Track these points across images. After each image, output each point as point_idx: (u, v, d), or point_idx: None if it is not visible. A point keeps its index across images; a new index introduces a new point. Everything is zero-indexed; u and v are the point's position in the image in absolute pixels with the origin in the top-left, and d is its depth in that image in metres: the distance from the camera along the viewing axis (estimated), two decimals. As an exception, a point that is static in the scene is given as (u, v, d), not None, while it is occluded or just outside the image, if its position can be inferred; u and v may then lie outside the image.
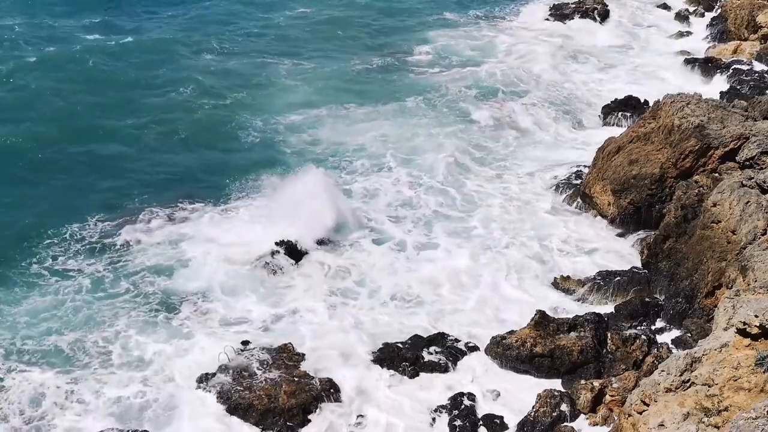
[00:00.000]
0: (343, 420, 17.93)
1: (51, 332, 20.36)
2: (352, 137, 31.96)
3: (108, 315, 21.08)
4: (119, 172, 28.93)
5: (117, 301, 21.70)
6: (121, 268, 23.25)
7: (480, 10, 52.20)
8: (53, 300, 21.61)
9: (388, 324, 21.15)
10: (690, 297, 20.72)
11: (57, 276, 22.65)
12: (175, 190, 27.73)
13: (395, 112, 34.48)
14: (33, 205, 26.16)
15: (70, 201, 26.59)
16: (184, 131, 32.34)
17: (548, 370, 19.20)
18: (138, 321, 20.90)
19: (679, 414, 12.84)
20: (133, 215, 26.02)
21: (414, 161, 30.25)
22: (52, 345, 19.93)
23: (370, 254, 24.29)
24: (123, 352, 19.79)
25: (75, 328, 20.52)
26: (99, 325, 20.68)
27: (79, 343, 19.98)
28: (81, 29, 44.22)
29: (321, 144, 31.59)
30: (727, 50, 40.73)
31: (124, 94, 35.64)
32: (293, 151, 30.91)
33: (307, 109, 34.67)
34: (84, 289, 22.13)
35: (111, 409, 17.94)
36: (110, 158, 29.93)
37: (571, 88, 38.43)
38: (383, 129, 32.65)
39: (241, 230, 24.81)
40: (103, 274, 22.89)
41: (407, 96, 36.34)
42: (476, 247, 24.62)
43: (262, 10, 50.14)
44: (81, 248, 24.06)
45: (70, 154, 30.01)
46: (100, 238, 24.70)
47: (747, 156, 23.38)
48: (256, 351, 19.26)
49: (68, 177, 28.40)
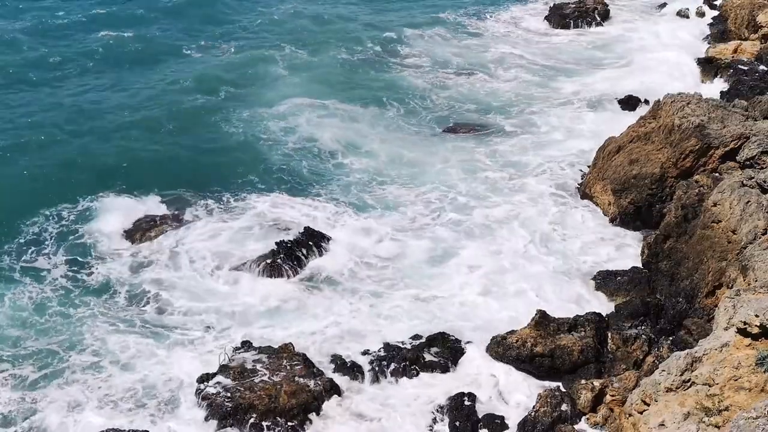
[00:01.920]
0: (343, 420, 17.92)
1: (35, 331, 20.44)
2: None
3: (87, 314, 21.11)
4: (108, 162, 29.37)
5: (99, 300, 21.77)
6: (110, 265, 23.30)
7: (479, 9, 52.16)
8: (34, 299, 21.65)
9: (388, 324, 21.15)
10: (690, 297, 20.70)
11: (31, 275, 22.69)
12: (153, 180, 28.00)
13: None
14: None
15: (45, 192, 26.80)
16: (168, 123, 32.79)
17: (549, 369, 19.19)
18: (131, 321, 20.95)
19: (679, 414, 12.84)
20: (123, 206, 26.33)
21: (417, 166, 30.32)
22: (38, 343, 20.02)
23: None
24: (115, 352, 19.81)
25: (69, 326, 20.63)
26: (81, 324, 20.75)
27: (67, 343, 20.03)
28: (75, 21, 44.80)
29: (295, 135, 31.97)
30: (727, 50, 40.67)
31: (107, 86, 36.26)
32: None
33: (292, 100, 35.15)
34: (62, 288, 22.16)
35: (110, 409, 17.96)
36: (97, 151, 30.30)
37: (570, 87, 38.40)
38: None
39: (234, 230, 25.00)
40: (83, 271, 23.00)
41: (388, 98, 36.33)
42: (476, 247, 24.59)
43: (260, 5, 50.82)
44: (57, 244, 24.14)
45: (46, 145, 30.32)
46: (80, 232, 24.86)
47: (747, 156, 23.37)
48: (256, 351, 19.24)
49: (44, 168, 28.61)
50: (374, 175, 29.15)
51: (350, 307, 21.84)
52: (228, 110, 34.19)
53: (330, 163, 30.05)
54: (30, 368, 19.19)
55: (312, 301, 22.07)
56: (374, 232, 25.28)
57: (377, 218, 26.17)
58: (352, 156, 30.51)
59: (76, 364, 19.34)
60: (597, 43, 45.62)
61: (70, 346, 19.95)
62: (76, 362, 19.42)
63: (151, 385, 18.74)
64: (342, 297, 22.28)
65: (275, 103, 34.92)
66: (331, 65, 40.24)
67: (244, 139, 31.72)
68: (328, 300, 22.15)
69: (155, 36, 43.56)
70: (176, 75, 37.97)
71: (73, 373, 19.09)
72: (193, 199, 27.05)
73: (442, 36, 46.08)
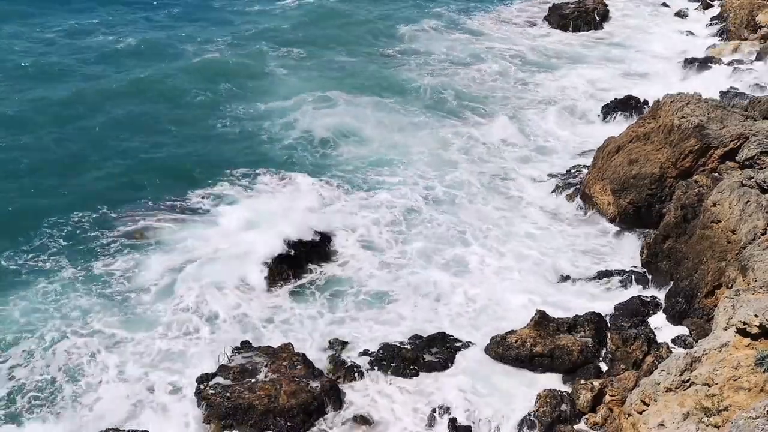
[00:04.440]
0: (343, 420, 17.90)
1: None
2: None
3: (87, 313, 21.10)
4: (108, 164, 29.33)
5: (99, 299, 21.75)
6: (109, 263, 23.31)
7: (476, 8, 52.28)
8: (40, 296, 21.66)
9: (387, 323, 21.15)
10: (690, 297, 20.71)
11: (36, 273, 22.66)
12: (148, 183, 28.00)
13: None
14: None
15: (45, 192, 26.82)
16: (167, 122, 32.89)
17: (548, 369, 19.20)
18: (131, 320, 20.96)
19: (679, 414, 12.84)
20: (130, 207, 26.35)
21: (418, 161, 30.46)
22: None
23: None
24: (111, 352, 19.82)
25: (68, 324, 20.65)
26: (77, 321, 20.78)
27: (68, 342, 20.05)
28: (73, 22, 44.91)
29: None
30: (727, 50, 40.73)
31: (108, 86, 36.33)
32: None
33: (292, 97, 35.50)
34: (64, 288, 22.11)
35: (109, 409, 17.96)
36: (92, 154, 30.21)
37: (570, 87, 38.42)
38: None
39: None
40: (85, 269, 22.98)
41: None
42: (475, 248, 24.59)
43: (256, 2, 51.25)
44: (63, 244, 24.08)
45: (46, 149, 30.23)
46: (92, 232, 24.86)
47: (747, 156, 23.36)
48: (256, 351, 19.24)
49: (42, 169, 28.55)
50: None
51: (350, 307, 21.85)
52: (229, 106, 34.51)
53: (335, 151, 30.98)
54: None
55: (312, 301, 22.06)
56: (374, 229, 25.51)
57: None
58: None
59: (74, 364, 19.32)
60: (590, 43, 45.84)
61: (70, 345, 19.92)
62: (75, 362, 19.40)
63: (151, 385, 18.71)
64: (342, 297, 22.28)
65: (277, 99, 35.20)
66: (330, 60, 40.65)
67: (246, 134, 32.01)
68: (328, 300, 22.14)
69: (155, 36, 43.64)
70: (175, 73, 38.05)
71: (69, 372, 19.06)
72: (195, 198, 27.02)
73: (442, 33, 46.36)
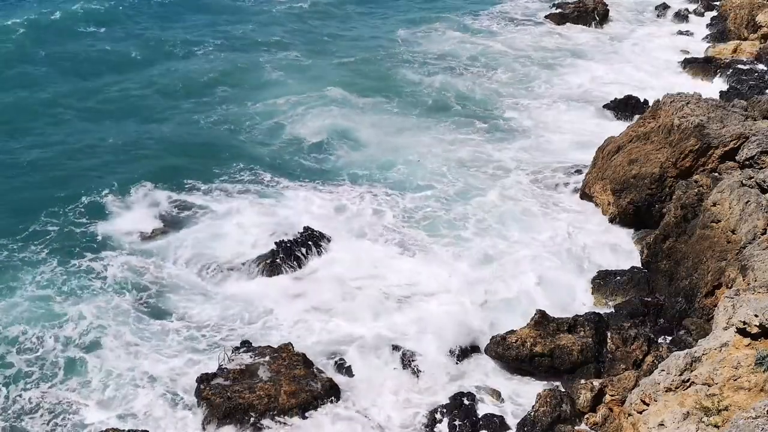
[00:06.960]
0: (343, 420, 17.90)
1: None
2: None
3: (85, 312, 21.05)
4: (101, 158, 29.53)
5: (98, 299, 21.71)
6: (108, 262, 23.30)
7: (476, 8, 52.34)
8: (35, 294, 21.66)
9: (388, 324, 21.13)
10: (690, 296, 20.71)
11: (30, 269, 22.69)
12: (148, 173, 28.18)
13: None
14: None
15: (44, 189, 26.83)
16: (169, 120, 33.06)
17: (548, 369, 19.20)
18: (131, 320, 20.93)
19: (679, 413, 12.84)
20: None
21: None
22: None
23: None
24: (114, 350, 19.82)
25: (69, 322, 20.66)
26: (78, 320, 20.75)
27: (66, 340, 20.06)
28: (74, 21, 45.16)
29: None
30: (727, 50, 40.74)
31: (107, 85, 36.48)
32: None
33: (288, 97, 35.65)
34: (63, 284, 22.13)
35: (110, 408, 17.97)
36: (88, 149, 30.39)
37: (570, 86, 38.43)
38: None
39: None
40: (80, 266, 22.99)
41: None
42: (474, 248, 24.59)
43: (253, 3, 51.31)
44: (58, 240, 24.09)
45: (37, 143, 30.37)
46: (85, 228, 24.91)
47: (747, 155, 23.36)
48: (256, 351, 19.24)
49: (42, 167, 28.64)
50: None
51: (350, 306, 21.82)
52: (225, 107, 34.61)
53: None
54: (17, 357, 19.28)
55: (312, 301, 22.03)
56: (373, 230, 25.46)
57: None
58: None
59: (73, 363, 19.33)
60: (590, 43, 45.88)
61: (68, 343, 19.94)
62: (74, 361, 19.41)
63: (152, 384, 18.71)
64: (342, 297, 22.24)
65: (275, 98, 35.39)
66: (329, 62, 40.66)
67: (242, 135, 32.10)
68: (328, 300, 22.10)
69: (154, 36, 43.69)
70: (172, 74, 38.16)
71: (69, 371, 19.07)
72: (193, 197, 27.04)
73: (442, 33, 46.46)
